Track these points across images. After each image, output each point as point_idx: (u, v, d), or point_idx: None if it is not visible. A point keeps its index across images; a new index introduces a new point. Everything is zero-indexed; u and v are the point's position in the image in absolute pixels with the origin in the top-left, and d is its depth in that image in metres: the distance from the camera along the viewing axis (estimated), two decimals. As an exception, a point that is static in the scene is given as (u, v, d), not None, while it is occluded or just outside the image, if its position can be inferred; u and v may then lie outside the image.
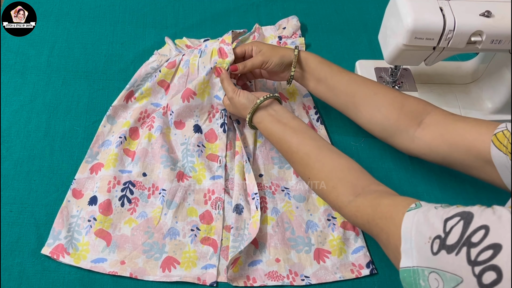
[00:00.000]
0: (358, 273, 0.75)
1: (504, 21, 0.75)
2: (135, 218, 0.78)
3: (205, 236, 0.77)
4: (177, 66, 0.90)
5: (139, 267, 0.73)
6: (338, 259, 0.76)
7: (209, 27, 1.05)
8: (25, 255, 0.73)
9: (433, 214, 0.49)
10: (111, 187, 0.79)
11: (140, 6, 1.08)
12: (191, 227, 0.77)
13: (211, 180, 0.82)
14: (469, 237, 0.44)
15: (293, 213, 0.80)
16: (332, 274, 0.74)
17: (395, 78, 0.92)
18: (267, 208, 0.80)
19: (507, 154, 0.61)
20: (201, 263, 0.75)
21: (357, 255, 0.76)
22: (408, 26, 0.74)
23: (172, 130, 0.87)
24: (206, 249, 0.76)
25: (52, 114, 0.89)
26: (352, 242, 0.78)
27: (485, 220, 0.44)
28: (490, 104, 0.89)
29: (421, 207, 0.52)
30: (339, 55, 1.03)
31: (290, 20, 1.06)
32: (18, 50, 0.97)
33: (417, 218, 0.51)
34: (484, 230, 0.43)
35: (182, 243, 0.76)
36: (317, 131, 0.90)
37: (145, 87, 0.89)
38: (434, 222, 0.48)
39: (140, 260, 0.74)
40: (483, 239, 0.43)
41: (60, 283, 0.71)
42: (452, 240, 0.45)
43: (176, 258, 0.74)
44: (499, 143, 0.61)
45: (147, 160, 0.83)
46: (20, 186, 0.80)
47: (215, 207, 0.79)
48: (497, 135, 0.62)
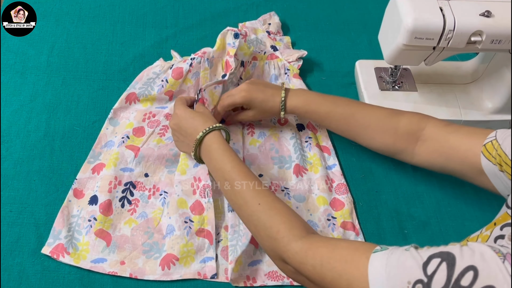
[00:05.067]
0: None
1: (504, 21, 0.75)
2: (135, 218, 0.78)
3: (200, 227, 0.76)
4: (184, 76, 0.89)
5: (138, 268, 0.73)
6: None
7: (209, 27, 1.05)
8: (25, 255, 0.73)
9: (408, 257, 0.47)
10: (112, 188, 0.79)
11: (140, 6, 1.08)
12: (184, 219, 0.77)
13: (195, 167, 0.82)
14: (457, 280, 0.42)
15: None
16: None
17: (395, 78, 0.92)
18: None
19: (496, 164, 0.63)
20: (199, 257, 0.75)
21: None
22: (408, 26, 0.74)
23: None
24: (201, 241, 0.76)
25: (52, 114, 0.89)
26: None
27: (469, 260, 0.43)
28: (490, 104, 0.89)
29: (388, 250, 0.50)
30: (339, 55, 1.03)
31: (272, 16, 1.06)
32: (18, 50, 0.97)
33: (388, 262, 0.48)
34: (473, 271, 0.42)
35: (178, 237, 0.75)
36: (318, 131, 0.90)
37: (151, 95, 0.89)
38: (411, 266, 0.46)
39: (140, 260, 0.74)
40: (474, 281, 0.41)
41: (60, 283, 0.71)
42: (438, 284, 0.43)
43: (174, 254, 0.74)
44: (488, 154, 0.64)
45: (150, 160, 0.82)
46: (20, 186, 0.80)
47: (204, 195, 0.79)
48: (486, 145, 0.65)
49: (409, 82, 0.94)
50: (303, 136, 0.89)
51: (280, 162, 0.86)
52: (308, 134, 0.89)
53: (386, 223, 0.81)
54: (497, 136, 0.64)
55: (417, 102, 0.90)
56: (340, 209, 0.81)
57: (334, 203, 0.82)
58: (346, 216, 0.80)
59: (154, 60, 0.95)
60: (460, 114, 0.89)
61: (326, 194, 0.82)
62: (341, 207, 0.81)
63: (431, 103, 0.90)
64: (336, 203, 0.82)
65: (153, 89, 0.90)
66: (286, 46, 1.02)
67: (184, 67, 0.89)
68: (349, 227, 0.79)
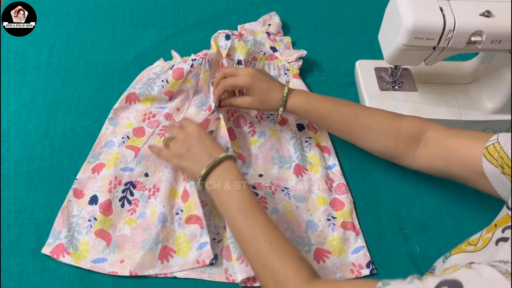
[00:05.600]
0: (358, 273, 0.75)
1: (504, 21, 0.75)
2: (135, 218, 0.78)
3: (188, 215, 0.76)
4: (184, 77, 0.89)
5: (137, 263, 0.73)
6: (338, 259, 0.76)
7: (209, 27, 1.05)
8: (25, 255, 0.73)
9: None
10: (112, 187, 0.79)
11: (140, 6, 1.08)
12: (176, 211, 0.77)
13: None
14: None
15: (293, 213, 0.80)
16: (332, 274, 0.74)
17: (395, 78, 0.92)
18: (266, 208, 0.80)
19: (498, 167, 0.63)
20: (194, 244, 0.75)
21: (357, 255, 0.76)
22: (408, 26, 0.74)
23: None
24: (193, 228, 0.76)
25: (52, 114, 0.89)
26: (352, 242, 0.78)
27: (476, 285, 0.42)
28: (490, 104, 0.89)
29: (390, 285, 0.49)
30: (339, 55, 1.03)
31: (272, 16, 1.06)
32: (18, 50, 0.97)
33: None
34: None
35: (172, 230, 0.76)
36: (318, 131, 0.90)
37: (152, 95, 0.89)
38: None
39: (137, 255, 0.73)
40: None
41: (60, 283, 0.71)
42: None
43: (171, 246, 0.74)
44: (490, 156, 0.64)
45: (151, 160, 0.83)
46: (20, 186, 0.80)
47: (188, 179, 0.79)
48: (488, 148, 0.65)
49: (409, 82, 0.94)
50: (303, 136, 0.89)
51: (280, 162, 0.86)
52: (308, 134, 0.89)
53: (386, 223, 0.81)
54: (499, 139, 0.64)
55: (417, 102, 0.90)
56: (340, 209, 0.81)
57: (334, 203, 0.82)
58: (346, 216, 0.80)
59: (154, 60, 0.95)
60: (460, 114, 0.89)
61: (326, 194, 0.82)
62: (341, 207, 0.81)
63: (431, 103, 0.90)
64: (336, 203, 0.82)
65: (153, 89, 0.90)
66: (286, 46, 1.02)
67: (185, 68, 0.89)
68: (349, 227, 0.79)
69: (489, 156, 0.64)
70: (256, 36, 1.00)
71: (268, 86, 0.80)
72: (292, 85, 0.94)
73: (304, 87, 0.94)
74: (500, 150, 0.62)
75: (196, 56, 0.91)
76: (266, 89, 0.79)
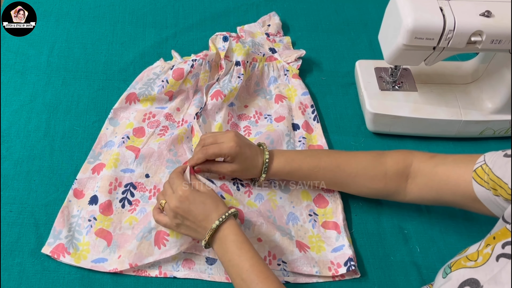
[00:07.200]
0: (335, 271, 0.74)
1: (504, 21, 0.75)
2: (135, 215, 0.78)
3: None
4: (184, 77, 0.90)
5: (134, 254, 0.72)
6: (317, 255, 0.76)
7: (209, 27, 1.05)
8: (25, 255, 0.73)
9: None
10: (112, 189, 0.79)
11: (140, 6, 1.08)
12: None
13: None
14: None
15: (276, 203, 0.80)
16: (310, 266, 0.74)
17: (395, 78, 0.92)
18: (251, 193, 0.80)
19: (489, 189, 0.62)
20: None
21: (336, 254, 0.76)
22: (408, 26, 0.74)
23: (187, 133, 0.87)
24: None
25: (52, 114, 0.89)
26: (333, 241, 0.78)
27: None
28: (490, 104, 0.89)
29: None
30: (339, 55, 1.03)
31: (272, 17, 1.06)
32: (18, 50, 0.97)
33: None
34: None
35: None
36: (313, 131, 0.90)
37: (152, 95, 0.89)
38: None
39: (132, 246, 0.73)
40: None
41: (60, 283, 0.71)
42: None
43: (164, 230, 0.73)
44: (480, 179, 0.63)
45: (151, 160, 0.83)
46: (20, 186, 0.80)
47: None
48: (477, 171, 0.64)
49: (409, 82, 0.94)
50: (297, 136, 0.89)
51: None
52: (302, 134, 0.89)
53: (386, 223, 0.81)
54: (486, 160, 0.63)
55: (417, 102, 0.90)
56: (323, 207, 0.81)
57: (318, 199, 0.82)
58: (328, 216, 0.80)
59: (154, 60, 0.95)
60: (460, 114, 0.89)
61: (311, 190, 0.82)
62: (324, 205, 0.81)
63: (431, 103, 0.90)
64: (320, 200, 0.82)
65: (153, 89, 0.90)
66: (286, 46, 1.02)
67: (185, 68, 0.89)
68: (331, 227, 0.79)
69: (479, 179, 0.64)
70: (255, 38, 1.00)
71: (251, 152, 0.76)
72: (291, 86, 0.94)
73: (303, 87, 0.94)
74: (489, 172, 0.62)
75: (197, 56, 0.91)
76: (250, 156, 0.76)
